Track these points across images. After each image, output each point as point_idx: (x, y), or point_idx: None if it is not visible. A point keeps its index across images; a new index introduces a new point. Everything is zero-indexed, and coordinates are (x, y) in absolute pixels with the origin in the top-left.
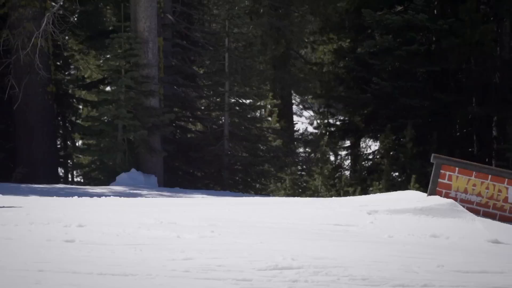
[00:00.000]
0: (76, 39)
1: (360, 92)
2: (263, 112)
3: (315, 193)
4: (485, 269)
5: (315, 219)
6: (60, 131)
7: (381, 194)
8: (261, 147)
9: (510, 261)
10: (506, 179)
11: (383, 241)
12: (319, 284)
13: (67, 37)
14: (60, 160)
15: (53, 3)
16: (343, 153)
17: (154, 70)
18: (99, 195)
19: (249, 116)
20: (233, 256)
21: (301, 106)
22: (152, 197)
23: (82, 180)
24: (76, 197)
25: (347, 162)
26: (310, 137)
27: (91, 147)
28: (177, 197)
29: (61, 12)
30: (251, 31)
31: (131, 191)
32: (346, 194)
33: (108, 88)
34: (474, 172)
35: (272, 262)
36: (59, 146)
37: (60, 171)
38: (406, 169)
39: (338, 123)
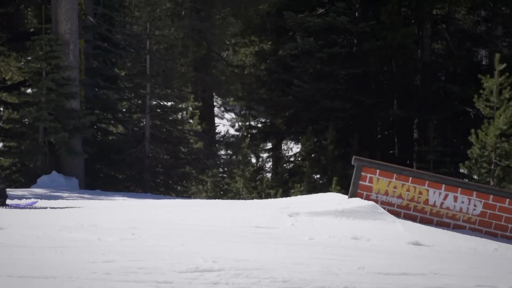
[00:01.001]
0: None
1: (281, 95)
2: (185, 115)
3: (236, 195)
4: (406, 271)
5: (237, 222)
6: None
7: (303, 196)
8: (183, 150)
9: (430, 263)
10: (427, 181)
11: (304, 243)
12: (240, 286)
13: None
14: None
15: None
16: (265, 155)
17: (75, 72)
18: (20, 197)
19: (170, 118)
20: (154, 259)
21: (222, 109)
22: (73, 199)
23: None
24: None
25: (269, 165)
26: (231, 139)
27: (12, 149)
28: (98, 199)
29: None
30: (173, 34)
31: (52, 194)
32: (268, 196)
33: (29, 90)
34: (395, 174)
35: (193, 265)
36: None
37: None
38: (327, 171)
39: (259, 125)
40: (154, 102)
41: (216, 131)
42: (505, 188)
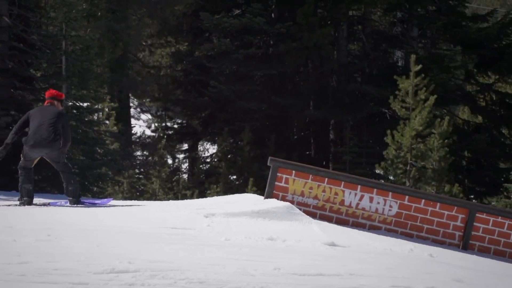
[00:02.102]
0: None
1: (197, 96)
2: (101, 115)
3: (153, 196)
4: (322, 271)
5: (153, 222)
6: None
7: (219, 197)
8: (99, 150)
9: (346, 264)
10: (343, 182)
11: (220, 244)
12: (155, 287)
13: None
14: None
15: None
16: (181, 156)
17: None
18: None
19: (86, 119)
20: (69, 260)
21: (138, 110)
22: None
23: None
24: None
25: (185, 166)
26: (147, 140)
27: None
28: (13, 200)
29: None
30: (89, 34)
31: None
32: (184, 197)
33: None
34: (310, 175)
35: (108, 266)
36: None
37: None
38: (243, 172)
39: (175, 126)
40: (70, 103)
41: (132, 132)
42: (420, 189)
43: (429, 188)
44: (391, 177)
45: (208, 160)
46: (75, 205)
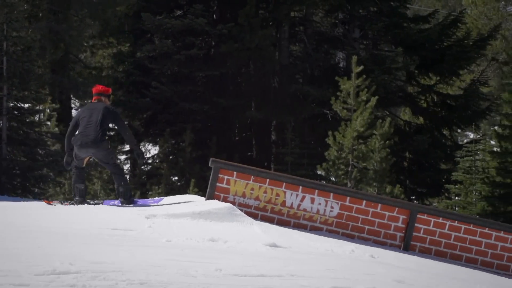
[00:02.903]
0: None
1: (139, 97)
2: (42, 117)
3: (94, 198)
4: (263, 272)
5: (94, 224)
6: None
7: (161, 198)
8: (40, 152)
9: (287, 265)
10: (284, 183)
11: (161, 245)
12: None
13: None
14: None
15: None
16: (123, 157)
17: None
18: None
19: (27, 120)
20: (10, 261)
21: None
22: None
23: None
24: None
25: (127, 167)
26: None
27: None
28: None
29: None
30: (30, 35)
31: None
32: None
33: None
34: (252, 176)
35: (49, 267)
36: None
37: None
38: (185, 173)
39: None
40: (11, 104)
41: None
42: (362, 190)
43: (371, 189)
44: (333, 178)
45: (150, 161)
46: (128, 206)
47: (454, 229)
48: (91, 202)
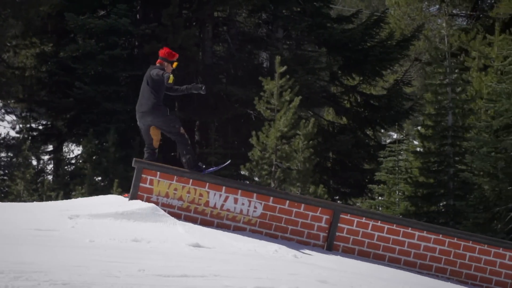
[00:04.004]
0: None
1: (62, 97)
2: None
3: (17, 198)
4: (186, 272)
5: (17, 224)
6: None
7: (84, 198)
8: None
9: (211, 265)
10: (207, 183)
11: (84, 246)
12: None
13: None
14: None
15: None
16: (46, 157)
17: None
18: None
19: None
20: None
21: (3, 111)
22: None
23: None
24: None
25: (50, 167)
26: (12, 141)
27: None
28: None
29: None
30: None
31: None
32: (49, 198)
33: None
34: (175, 177)
35: None
36: None
37: None
38: (108, 173)
39: (40, 127)
40: None
41: None
42: (285, 190)
43: (294, 189)
44: (256, 178)
45: (73, 161)
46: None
47: (377, 229)
48: None
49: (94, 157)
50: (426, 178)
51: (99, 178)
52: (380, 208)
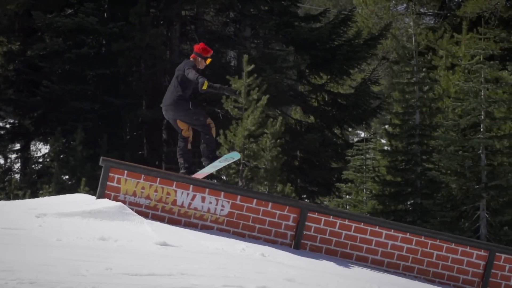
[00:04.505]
0: None
1: (30, 95)
2: None
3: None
4: (153, 271)
5: None
6: None
7: (51, 197)
8: None
9: (178, 263)
10: (175, 182)
11: (51, 245)
12: None
13: None
14: None
15: None
16: (13, 156)
17: None
18: None
19: None
20: None
21: None
22: None
23: None
24: None
25: (17, 166)
26: None
27: None
28: None
29: None
30: None
31: None
32: (16, 197)
33: None
34: (142, 175)
35: None
36: None
37: None
38: (76, 172)
39: (7, 126)
40: None
41: None
42: (253, 189)
43: (262, 188)
44: (224, 177)
45: (41, 160)
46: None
47: (344, 227)
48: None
49: (61, 156)
50: (393, 176)
51: (67, 176)
52: (347, 207)
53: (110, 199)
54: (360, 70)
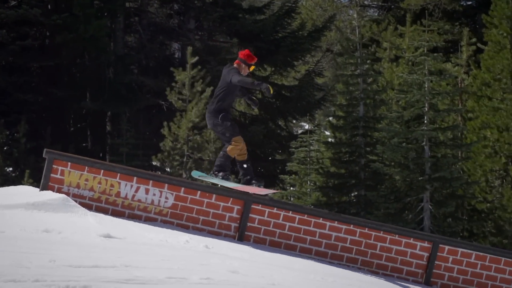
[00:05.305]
0: None
1: None
2: None
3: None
4: (97, 263)
5: None
6: None
7: None
8: None
9: (122, 255)
10: (119, 174)
11: None
12: None
13: None
14: None
15: None
16: None
17: None
18: None
19: None
20: None
21: None
22: None
23: None
24: None
25: None
26: None
27: None
28: None
29: None
30: None
31: None
32: None
33: None
34: (86, 167)
35: None
36: None
37: None
38: (20, 164)
39: None
40: None
41: None
42: (196, 181)
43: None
44: (168, 169)
45: None
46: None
47: (288, 219)
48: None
49: (5, 148)
50: (337, 168)
51: (10, 168)
52: (291, 199)
53: (53, 191)
54: (304, 62)
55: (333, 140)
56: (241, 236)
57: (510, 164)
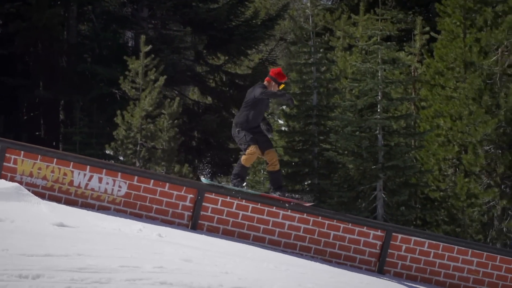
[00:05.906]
0: None
1: None
2: None
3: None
4: (50, 252)
5: None
6: None
7: None
8: None
9: (75, 244)
10: (72, 163)
11: None
12: None
13: None
14: None
15: None
16: None
17: None
18: None
19: None
20: None
21: None
22: None
23: None
24: None
25: None
26: None
27: None
28: None
29: None
30: None
31: None
32: None
33: None
34: (39, 156)
35: None
36: None
37: None
38: None
39: None
40: None
41: None
42: (150, 169)
43: (159, 169)
44: (121, 158)
45: None
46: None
47: (242, 208)
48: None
49: None
50: (290, 157)
51: None
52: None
53: (6, 180)
54: (257, 50)
55: (286, 129)
56: (194, 225)
57: (463, 153)
